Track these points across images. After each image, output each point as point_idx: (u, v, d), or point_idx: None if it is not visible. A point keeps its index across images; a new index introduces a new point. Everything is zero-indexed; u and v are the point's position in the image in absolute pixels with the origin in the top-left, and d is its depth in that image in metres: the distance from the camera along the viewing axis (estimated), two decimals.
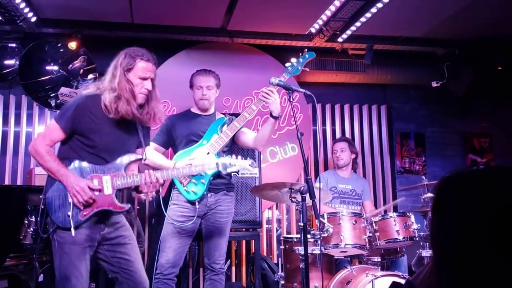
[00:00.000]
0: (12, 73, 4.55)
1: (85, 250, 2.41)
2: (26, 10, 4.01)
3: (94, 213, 2.40)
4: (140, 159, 2.59)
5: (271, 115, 3.10)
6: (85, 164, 2.44)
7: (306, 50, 3.20)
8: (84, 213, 2.38)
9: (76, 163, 2.43)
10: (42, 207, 2.41)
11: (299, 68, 3.17)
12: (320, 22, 4.47)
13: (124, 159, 2.50)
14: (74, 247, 2.37)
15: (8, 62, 4.54)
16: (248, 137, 3.33)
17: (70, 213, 2.35)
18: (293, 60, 3.17)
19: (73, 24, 4.44)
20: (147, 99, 2.54)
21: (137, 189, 2.55)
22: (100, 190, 2.41)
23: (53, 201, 2.39)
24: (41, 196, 2.45)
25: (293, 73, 3.17)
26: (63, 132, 2.44)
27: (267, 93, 3.01)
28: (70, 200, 2.37)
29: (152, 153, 3.13)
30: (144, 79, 2.49)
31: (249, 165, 2.72)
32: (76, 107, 2.44)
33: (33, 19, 4.18)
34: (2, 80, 4.60)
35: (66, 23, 4.44)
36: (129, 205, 2.52)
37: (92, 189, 2.39)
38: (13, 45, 4.52)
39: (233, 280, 4.70)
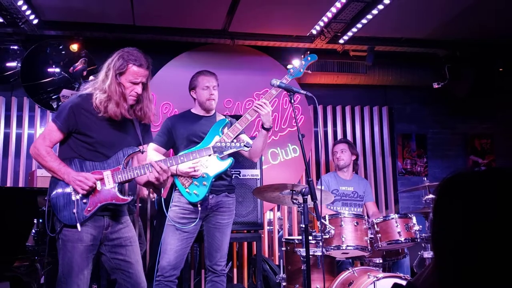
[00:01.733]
0: (14, 75, 4.56)
1: (88, 249, 2.46)
2: (28, 12, 4.02)
3: (98, 208, 2.46)
4: (138, 151, 2.62)
5: (262, 127, 3.17)
6: (85, 162, 2.51)
7: (308, 52, 3.21)
8: (89, 209, 2.44)
9: (76, 162, 2.50)
10: (48, 207, 2.46)
11: (301, 70, 3.19)
12: (321, 23, 4.47)
13: (123, 153, 2.55)
14: (77, 245, 2.43)
15: (10, 64, 4.56)
16: None
17: (75, 210, 2.42)
18: (295, 62, 3.19)
19: (74, 26, 4.45)
20: (137, 100, 2.59)
21: (149, 183, 2.60)
22: (102, 184, 2.48)
23: (58, 200, 2.45)
24: (45, 198, 2.49)
25: (295, 75, 3.19)
26: (60, 132, 2.51)
27: (260, 105, 3.08)
28: (74, 198, 2.44)
29: (153, 154, 3.14)
30: (135, 83, 2.53)
31: (244, 145, 2.72)
32: (71, 107, 2.51)
33: (35, 21, 4.19)
34: (4, 82, 4.62)
35: (67, 25, 4.45)
36: (132, 197, 2.60)
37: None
38: (15, 47, 4.53)
39: (235, 281, 4.70)
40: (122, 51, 2.56)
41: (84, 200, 2.45)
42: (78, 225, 2.41)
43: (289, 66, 3.20)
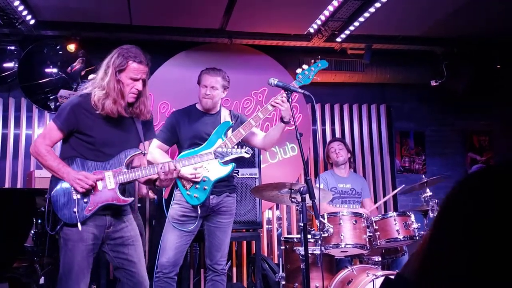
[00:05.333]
0: (11, 75, 4.55)
1: (89, 248, 2.47)
2: (25, 12, 4.01)
3: (98, 208, 2.47)
4: (141, 153, 2.66)
5: (282, 120, 3.14)
6: (87, 161, 2.52)
7: (319, 57, 3.12)
8: (89, 208, 2.45)
9: (78, 161, 2.51)
10: (48, 206, 2.47)
11: (310, 77, 3.07)
12: (319, 22, 4.47)
13: (124, 154, 2.58)
14: (78, 244, 2.44)
15: (7, 65, 4.54)
16: (258, 137, 3.37)
17: (75, 209, 2.43)
18: (305, 67, 3.05)
19: (71, 26, 4.44)
20: (137, 97, 2.61)
21: (154, 181, 2.66)
22: (103, 184, 2.50)
23: (58, 199, 2.46)
24: (46, 196, 2.50)
25: (304, 82, 3.06)
26: (60, 131, 2.52)
27: (282, 101, 3.02)
28: (75, 196, 2.45)
29: (156, 151, 3.17)
30: (135, 80, 2.54)
31: (245, 152, 2.76)
32: (71, 107, 2.52)
33: (32, 21, 4.18)
34: (2, 83, 4.61)
35: (64, 25, 4.44)
36: (132, 198, 2.61)
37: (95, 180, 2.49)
38: (12, 47, 4.52)
39: (234, 280, 4.70)
40: (121, 48, 2.57)
41: (85, 200, 2.46)
42: (79, 224, 2.42)
43: (298, 71, 3.06)
